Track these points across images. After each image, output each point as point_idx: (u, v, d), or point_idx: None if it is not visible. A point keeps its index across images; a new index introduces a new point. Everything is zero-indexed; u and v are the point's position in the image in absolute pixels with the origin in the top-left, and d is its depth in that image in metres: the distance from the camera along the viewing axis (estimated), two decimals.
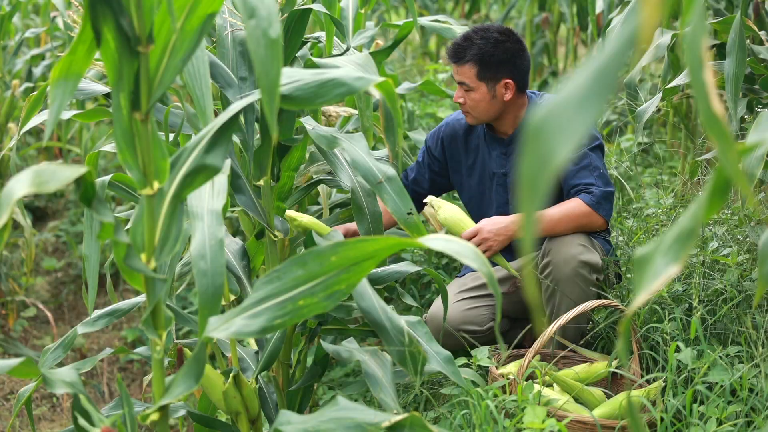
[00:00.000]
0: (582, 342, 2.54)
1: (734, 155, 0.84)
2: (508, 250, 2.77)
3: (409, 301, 2.90)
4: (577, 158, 2.66)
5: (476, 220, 2.93)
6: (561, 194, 2.72)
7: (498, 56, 2.68)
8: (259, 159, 2.05)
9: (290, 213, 2.32)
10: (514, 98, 2.74)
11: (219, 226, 1.50)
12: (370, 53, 3.04)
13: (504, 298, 2.77)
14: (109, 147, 2.14)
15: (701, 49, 0.82)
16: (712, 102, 0.82)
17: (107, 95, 2.14)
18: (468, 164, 2.90)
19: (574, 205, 2.60)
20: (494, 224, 2.60)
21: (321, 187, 2.67)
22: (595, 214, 2.60)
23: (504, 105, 2.74)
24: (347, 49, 2.40)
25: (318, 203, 2.90)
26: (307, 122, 2.07)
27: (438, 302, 2.70)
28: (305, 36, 2.22)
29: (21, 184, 1.25)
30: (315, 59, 1.87)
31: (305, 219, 2.27)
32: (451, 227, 2.56)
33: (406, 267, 2.29)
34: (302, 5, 2.13)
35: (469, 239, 2.56)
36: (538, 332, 2.25)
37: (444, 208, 2.57)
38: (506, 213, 2.83)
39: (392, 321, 1.83)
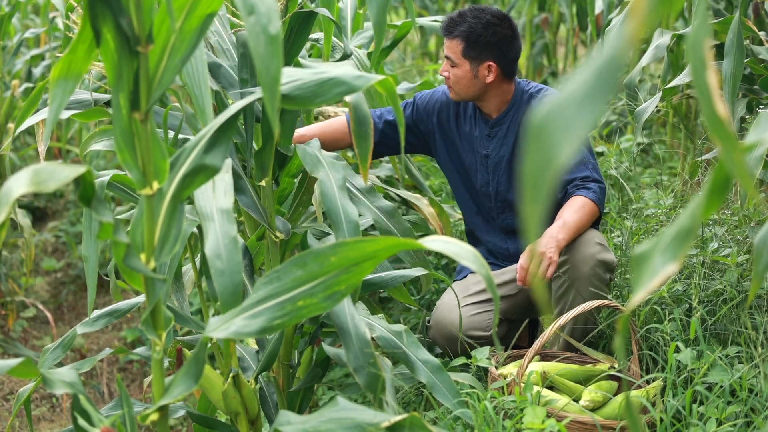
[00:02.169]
0: (584, 341, 2.54)
1: (739, 156, 0.84)
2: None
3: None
4: None
5: (462, 192, 2.93)
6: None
7: (486, 37, 2.69)
8: (261, 159, 2.04)
9: None
10: (497, 82, 2.75)
11: (231, 225, 1.50)
12: (369, 53, 3.04)
13: (506, 301, 2.77)
14: (100, 145, 2.13)
15: (704, 50, 0.83)
16: (716, 104, 0.82)
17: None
18: (457, 137, 2.91)
19: (582, 203, 2.59)
20: (541, 241, 2.54)
21: (316, 191, 2.66)
22: (598, 210, 2.62)
23: (485, 87, 2.75)
24: (345, 55, 2.40)
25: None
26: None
27: (441, 307, 2.70)
28: None
29: (20, 183, 1.25)
30: (302, 60, 1.87)
31: None
32: None
33: (411, 271, 2.28)
34: (301, 6, 2.13)
35: (526, 267, 2.49)
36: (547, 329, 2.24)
37: None
38: (488, 192, 2.86)
39: (357, 329, 1.84)
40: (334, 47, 2.52)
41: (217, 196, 1.54)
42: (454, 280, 2.96)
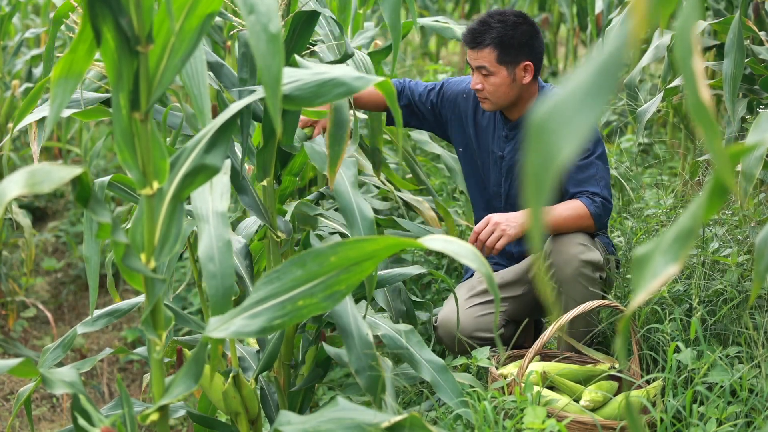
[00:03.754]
0: (587, 341, 2.54)
1: (720, 144, 0.84)
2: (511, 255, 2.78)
3: (415, 298, 2.88)
4: (584, 166, 2.66)
5: (473, 192, 2.94)
6: (562, 199, 2.71)
7: (517, 39, 2.67)
8: (262, 160, 2.04)
9: None
10: (531, 81, 2.73)
11: (225, 228, 1.51)
12: (369, 53, 3.04)
13: (512, 302, 2.77)
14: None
15: (691, 37, 0.83)
16: (700, 90, 0.82)
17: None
18: (473, 132, 2.89)
19: (578, 206, 2.59)
20: (504, 214, 2.60)
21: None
22: (592, 222, 2.60)
23: (521, 89, 2.72)
24: (350, 55, 2.39)
25: (332, 197, 2.89)
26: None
27: (448, 306, 2.69)
28: None
29: (14, 185, 1.24)
30: (300, 59, 1.86)
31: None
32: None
33: (410, 269, 2.28)
34: (303, 6, 2.13)
35: (479, 232, 2.55)
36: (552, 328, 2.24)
37: None
38: (499, 193, 2.85)
39: (360, 331, 1.84)
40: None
41: (213, 198, 1.54)
42: (462, 281, 2.95)
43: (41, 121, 2.19)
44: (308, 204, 2.31)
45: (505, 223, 2.55)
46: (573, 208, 2.59)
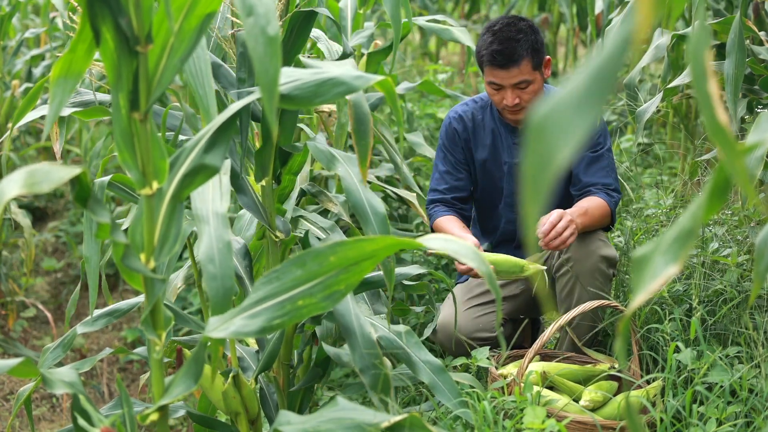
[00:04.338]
0: (592, 344, 2.54)
1: (741, 163, 0.84)
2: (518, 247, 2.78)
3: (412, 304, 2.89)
4: (597, 157, 2.68)
5: (485, 208, 2.92)
6: (565, 194, 2.72)
7: (539, 40, 2.69)
8: (261, 160, 2.04)
9: None
10: None
11: (225, 229, 1.50)
12: (369, 53, 3.04)
13: (510, 301, 2.77)
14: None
15: (705, 59, 0.83)
16: (718, 112, 0.82)
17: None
18: (479, 151, 2.86)
19: (602, 204, 2.62)
20: (570, 211, 2.54)
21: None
22: (610, 219, 2.63)
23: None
24: (348, 54, 2.39)
25: (316, 203, 2.89)
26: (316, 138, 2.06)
27: (445, 310, 2.68)
28: None
29: (13, 185, 1.24)
30: (303, 59, 1.86)
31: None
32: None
33: (410, 269, 2.28)
34: (299, 6, 2.13)
35: (555, 224, 2.46)
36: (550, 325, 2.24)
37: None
38: (513, 203, 2.83)
39: (363, 329, 1.84)
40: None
41: (213, 199, 1.54)
42: (456, 282, 2.94)
43: (62, 121, 2.21)
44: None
45: (576, 221, 2.49)
46: (599, 207, 2.61)
